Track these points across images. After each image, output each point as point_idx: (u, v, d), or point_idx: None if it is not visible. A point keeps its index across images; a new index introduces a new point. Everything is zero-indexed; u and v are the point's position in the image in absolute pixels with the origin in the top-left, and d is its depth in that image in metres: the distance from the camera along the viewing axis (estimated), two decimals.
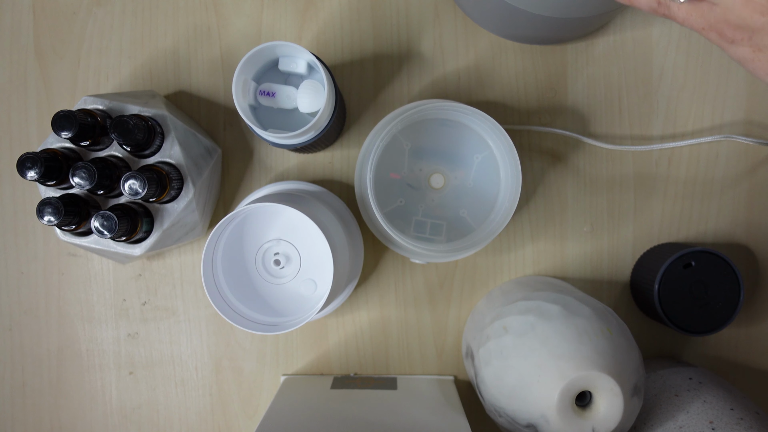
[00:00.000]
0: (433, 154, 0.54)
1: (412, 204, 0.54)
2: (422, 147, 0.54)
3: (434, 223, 0.54)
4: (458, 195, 0.54)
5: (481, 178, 0.54)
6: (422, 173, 0.54)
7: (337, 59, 0.57)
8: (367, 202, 0.49)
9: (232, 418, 0.58)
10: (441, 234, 0.54)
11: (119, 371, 0.59)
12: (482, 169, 0.54)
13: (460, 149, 0.54)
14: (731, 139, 0.55)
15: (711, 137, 0.55)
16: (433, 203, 0.54)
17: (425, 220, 0.54)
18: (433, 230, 0.54)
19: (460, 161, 0.54)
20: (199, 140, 0.52)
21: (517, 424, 0.45)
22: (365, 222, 0.54)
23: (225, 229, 0.48)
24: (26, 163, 0.44)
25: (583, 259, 0.58)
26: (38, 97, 0.57)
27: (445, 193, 0.54)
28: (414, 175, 0.54)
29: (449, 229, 0.54)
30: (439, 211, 0.54)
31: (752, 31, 0.32)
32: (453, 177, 0.54)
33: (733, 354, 0.58)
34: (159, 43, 0.57)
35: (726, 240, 0.58)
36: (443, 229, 0.54)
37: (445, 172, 0.54)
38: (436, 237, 0.54)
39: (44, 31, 0.57)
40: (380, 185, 0.53)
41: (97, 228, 0.45)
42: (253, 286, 0.51)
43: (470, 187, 0.54)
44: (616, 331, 0.46)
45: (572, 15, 0.48)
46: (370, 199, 0.48)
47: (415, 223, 0.54)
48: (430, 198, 0.54)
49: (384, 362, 0.58)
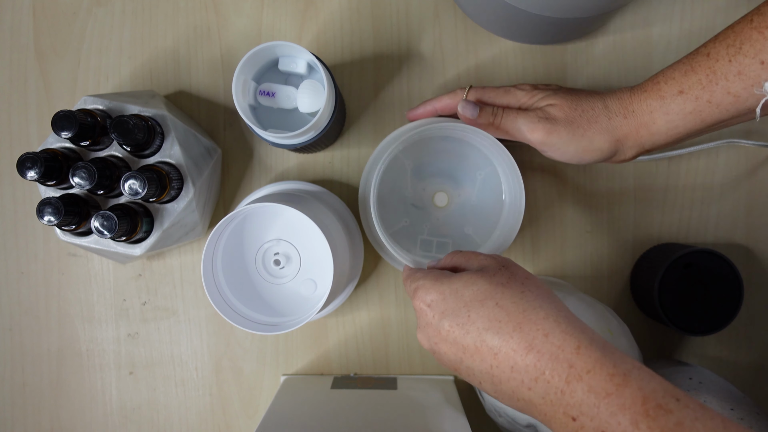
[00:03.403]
0: (436, 173, 0.54)
1: (417, 223, 0.54)
2: (424, 166, 0.54)
3: (440, 242, 0.54)
4: (462, 212, 0.54)
5: (484, 194, 0.54)
6: (426, 192, 0.54)
7: (337, 59, 0.57)
8: (372, 224, 0.49)
9: (232, 418, 0.58)
10: (447, 252, 0.54)
11: (119, 371, 0.59)
12: (485, 186, 0.54)
13: (463, 166, 0.54)
14: (733, 143, 0.55)
15: (714, 143, 0.55)
16: (438, 222, 0.54)
17: (431, 238, 0.54)
18: (439, 248, 0.54)
19: (463, 179, 0.54)
20: (199, 140, 0.52)
21: (517, 424, 0.45)
22: (371, 243, 0.54)
23: (225, 229, 0.48)
24: (26, 163, 0.44)
25: (583, 259, 0.58)
26: (38, 97, 0.57)
27: (450, 211, 0.54)
28: (418, 194, 0.54)
29: (455, 246, 0.54)
30: (445, 230, 0.54)
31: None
32: (456, 195, 0.54)
33: (733, 354, 0.58)
34: (159, 43, 0.57)
35: (726, 240, 0.58)
36: (449, 247, 0.54)
37: (449, 190, 0.54)
38: (442, 255, 0.54)
39: (44, 31, 0.57)
40: (384, 206, 0.53)
41: (97, 228, 0.45)
42: (253, 286, 0.51)
43: (474, 204, 0.54)
44: (616, 331, 0.46)
45: (572, 15, 0.48)
46: (374, 222, 0.48)
47: (421, 243, 0.54)
48: (435, 217, 0.54)
49: (384, 362, 0.58)
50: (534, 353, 0.31)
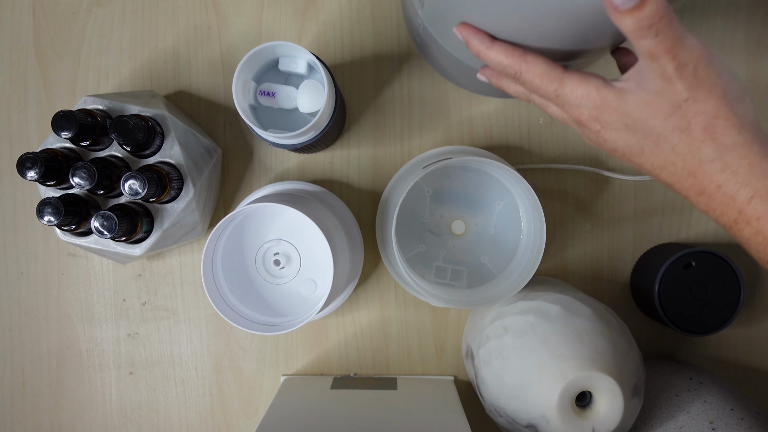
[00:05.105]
0: (455, 200, 0.54)
1: (432, 249, 0.54)
2: (443, 192, 0.54)
3: (455, 269, 0.54)
4: (479, 241, 0.54)
5: (502, 224, 0.54)
6: (443, 219, 0.54)
7: (337, 59, 0.57)
8: (390, 249, 0.49)
9: (232, 418, 0.58)
10: (462, 280, 0.54)
11: (119, 371, 0.59)
12: (503, 216, 0.54)
13: (482, 195, 0.54)
14: None
15: None
16: (453, 249, 0.54)
17: (446, 266, 0.54)
18: (454, 276, 0.54)
19: (481, 207, 0.54)
20: (199, 140, 0.52)
21: (517, 424, 0.45)
22: (386, 265, 0.54)
23: (225, 229, 0.48)
24: (26, 163, 0.44)
25: (583, 259, 0.58)
26: (38, 97, 0.57)
27: (466, 239, 0.54)
28: (435, 221, 0.54)
29: (470, 275, 0.54)
30: (460, 257, 0.54)
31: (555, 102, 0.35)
32: (474, 223, 0.54)
33: (733, 354, 0.58)
34: (159, 43, 0.57)
35: (726, 240, 0.58)
36: (464, 275, 0.54)
37: (466, 218, 0.54)
38: (456, 283, 0.54)
39: (44, 31, 0.57)
40: (401, 230, 0.53)
41: (97, 228, 0.45)
42: (253, 286, 0.51)
43: (491, 233, 0.54)
44: (616, 331, 0.46)
45: None
46: (393, 248, 0.48)
47: (436, 269, 0.54)
48: (451, 244, 0.54)
49: (384, 362, 0.58)
50: (704, 197, 0.32)
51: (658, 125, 0.31)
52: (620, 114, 0.32)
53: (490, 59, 0.36)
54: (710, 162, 0.31)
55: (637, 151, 0.33)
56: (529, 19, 0.33)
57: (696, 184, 0.32)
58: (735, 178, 0.30)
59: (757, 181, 0.30)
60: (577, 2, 0.30)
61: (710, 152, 0.30)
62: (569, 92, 0.34)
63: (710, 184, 0.31)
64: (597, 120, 0.34)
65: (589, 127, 0.35)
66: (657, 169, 0.33)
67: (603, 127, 0.34)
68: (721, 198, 0.31)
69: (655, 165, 0.33)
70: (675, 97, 0.30)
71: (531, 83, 0.35)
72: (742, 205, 0.30)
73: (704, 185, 0.31)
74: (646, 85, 0.30)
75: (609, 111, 0.33)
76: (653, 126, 0.31)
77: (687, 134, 0.31)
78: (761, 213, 0.30)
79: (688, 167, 0.32)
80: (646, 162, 0.34)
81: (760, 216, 0.30)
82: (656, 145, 0.32)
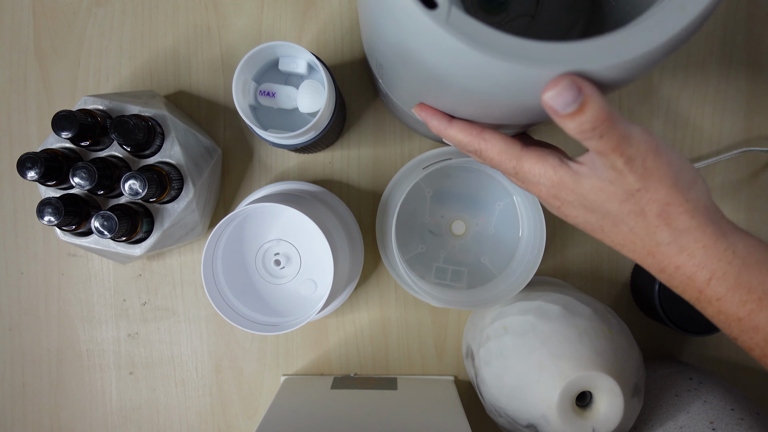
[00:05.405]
0: (455, 200, 0.54)
1: (433, 250, 0.54)
2: (444, 193, 0.54)
3: (455, 270, 0.54)
4: (479, 242, 0.54)
5: (502, 225, 0.54)
6: (444, 220, 0.54)
7: (337, 59, 0.57)
8: (390, 250, 0.49)
9: (232, 418, 0.58)
10: (462, 281, 0.54)
11: (119, 371, 0.59)
12: (503, 216, 0.54)
13: (482, 196, 0.54)
14: (751, 151, 0.55)
15: (731, 153, 0.55)
16: (454, 250, 0.54)
17: (446, 266, 0.54)
18: (454, 277, 0.54)
19: (481, 208, 0.54)
20: (199, 140, 0.52)
21: (517, 424, 0.45)
22: (386, 265, 0.54)
23: (225, 229, 0.48)
24: (26, 163, 0.44)
25: (583, 259, 0.58)
26: (38, 97, 0.57)
27: (467, 239, 0.54)
28: (435, 221, 0.54)
29: (470, 275, 0.54)
30: (460, 258, 0.54)
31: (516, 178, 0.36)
32: (474, 224, 0.54)
33: (733, 354, 0.58)
34: (159, 43, 0.57)
35: None
36: (464, 275, 0.54)
37: (467, 218, 0.54)
38: (456, 284, 0.54)
39: (44, 31, 0.57)
40: (401, 230, 0.53)
41: (97, 228, 0.45)
42: (253, 286, 0.51)
43: (491, 234, 0.54)
44: (616, 331, 0.46)
45: None
46: (393, 249, 0.48)
47: (436, 270, 0.54)
48: (452, 245, 0.54)
49: (384, 362, 0.58)
50: (665, 275, 0.33)
51: (614, 209, 0.32)
52: (577, 195, 0.33)
53: (449, 138, 0.37)
54: (667, 245, 0.31)
55: (598, 228, 0.34)
56: (480, 107, 0.33)
57: (655, 263, 0.33)
58: (692, 260, 0.31)
59: (712, 263, 0.31)
60: (520, 102, 0.30)
61: (666, 236, 0.31)
62: (528, 170, 0.34)
63: (669, 264, 0.32)
64: (556, 197, 0.34)
65: (550, 203, 0.35)
66: (618, 246, 0.34)
67: (562, 204, 0.34)
68: (681, 278, 0.32)
69: (615, 242, 0.34)
70: (627, 187, 0.30)
71: (491, 160, 0.36)
72: (701, 285, 0.31)
73: (663, 265, 0.32)
74: (599, 173, 0.31)
75: (566, 191, 0.33)
76: (609, 209, 0.32)
77: (642, 218, 0.31)
78: (720, 294, 0.31)
79: (647, 248, 0.32)
80: (606, 239, 0.34)
81: (720, 297, 0.31)
82: (614, 225, 0.33)
